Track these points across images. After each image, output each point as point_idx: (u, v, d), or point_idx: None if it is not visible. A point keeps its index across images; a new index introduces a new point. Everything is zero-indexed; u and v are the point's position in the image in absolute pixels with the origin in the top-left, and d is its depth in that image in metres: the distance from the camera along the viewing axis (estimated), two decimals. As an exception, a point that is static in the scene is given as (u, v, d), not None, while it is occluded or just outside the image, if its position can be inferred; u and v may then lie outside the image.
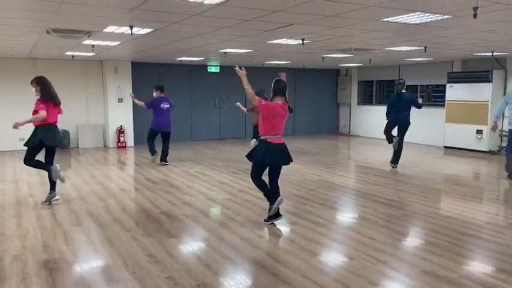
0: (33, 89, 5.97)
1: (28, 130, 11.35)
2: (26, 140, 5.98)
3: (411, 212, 5.72)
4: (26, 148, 6.06)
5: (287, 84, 5.19)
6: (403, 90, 8.75)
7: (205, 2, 4.20)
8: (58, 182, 6.11)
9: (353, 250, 4.34)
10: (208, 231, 4.97)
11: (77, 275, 3.82)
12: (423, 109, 12.89)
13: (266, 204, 6.15)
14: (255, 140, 9.76)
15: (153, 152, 9.02)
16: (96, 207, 5.94)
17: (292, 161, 5.33)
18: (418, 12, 4.75)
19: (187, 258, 4.21)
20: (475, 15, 4.17)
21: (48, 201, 6.02)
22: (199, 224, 5.26)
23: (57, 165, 6.04)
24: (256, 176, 5.19)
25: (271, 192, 5.14)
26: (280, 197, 5.11)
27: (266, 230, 5.08)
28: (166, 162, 9.13)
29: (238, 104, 9.06)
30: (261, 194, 6.61)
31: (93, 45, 7.85)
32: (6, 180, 7.70)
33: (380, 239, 4.66)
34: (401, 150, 8.91)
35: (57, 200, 6.10)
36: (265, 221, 5.20)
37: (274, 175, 5.25)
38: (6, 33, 6.49)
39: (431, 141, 12.42)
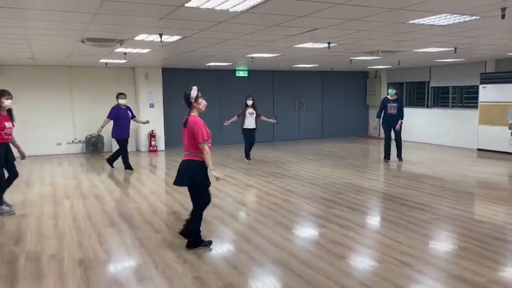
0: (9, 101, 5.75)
1: (67, 135, 11.80)
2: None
3: (441, 216, 5.64)
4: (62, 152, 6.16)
5: (187, 94, 4.39)
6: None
7: (230, 10, 4.32)
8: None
9: (380, 254, 4.33)
10: (236, 233, 5.06)
11: (110, 274, 4.00)
12: (456, 111, 12.66)
13: (293, 207, 6.22)
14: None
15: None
16: (128, 209, 6.16)
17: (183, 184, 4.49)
18: (445, 14, 4.70)
19: (215, 259, 4.31)
20: (503, 16, 4.11)
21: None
22: (227, 226, 5.36)
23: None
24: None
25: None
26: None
27: (293, 233, 5.13)
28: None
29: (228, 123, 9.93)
30: (289, 198, 6.70)
31: (125, 53, 8.14)
32: (44, 183, 8.06)
33: (407, 242, 4.62)
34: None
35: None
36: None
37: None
38: (44, 43, 6.84)
39: (464, 144, 12.11)
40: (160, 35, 5.88)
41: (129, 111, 9.21)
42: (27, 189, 7.42)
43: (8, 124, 5.76)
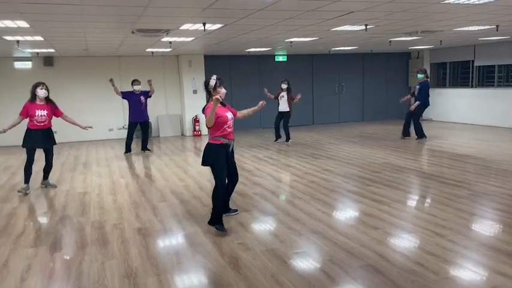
0: (43, 92, 6.34)
1: (117, 121, 12.54)
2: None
3: (478, 192, 5.74)
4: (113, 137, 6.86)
5: (205, 83, 4.63)
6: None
7: (267, -2, 4.63)
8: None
9: (413, 225, 4.57)
10: (276, 207, 5.44)
11: (166, 240, 4.50)
12: (502, 90, 12.35)
13: (330, 184, 6.51)
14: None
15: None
16: (177, 186, 6.68)
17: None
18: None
19: (258, 229, 4.72)
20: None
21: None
22: (268, 201, 5.75)
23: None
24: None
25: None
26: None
27: (330, 207, 5.44)
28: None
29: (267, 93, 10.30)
30: (326, 176, 6.99)
31: (170, 42, 8.62)
32: (100, 164, 8.77)
33: (441, 216, 4.82)
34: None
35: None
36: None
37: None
38: (98, 35, 7.44)
39: (510, 124, 11.81)
40: (204, 24, 6.27)
41: (142, 97, 9.73)
42: (85, 170, 8.15)
43: (39, 112, 6.28)
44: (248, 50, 11.55)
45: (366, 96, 15.51)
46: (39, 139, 6.37)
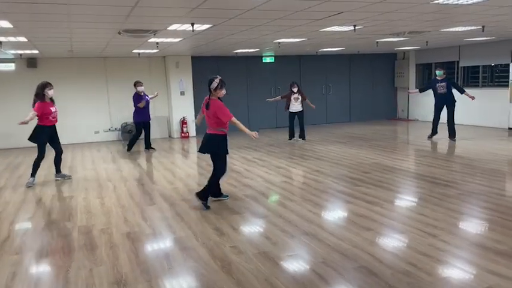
0: (52, 91, 6.97)
1: (104, 123, 12.38)
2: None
3: (467, 192, 5.77)
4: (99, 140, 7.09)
5: (209, 82, 5.23)
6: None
7: (258, -2, 4.58)
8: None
9: (405, 225, 4.56)
10: (267, 209, 5.39)
11: (156, 244, 4.41)
12: (486, 90, 12.53)
13: (321, 185, 6.50)
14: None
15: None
16: (166, 189, 6.59)
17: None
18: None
19: (249, 231, 4.66)
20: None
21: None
22: (259, 203, 5.70)
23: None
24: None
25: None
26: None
27: (321, 208, 5.41)
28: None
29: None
30: (317, 177, 6.98)
31: (157, 43, 8.52)
32: (86, 167, 8.61)
33: (432, 215, 4.83)
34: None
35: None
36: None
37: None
38: (84, 36, 7.30)
39: (495, 123, 11.99)
40: (192, 25, 6.19)
41: (147, 97, 10.09)
42: (71, 173, 7.97)
43: (52, 109, 6.98)
44: (236, 51, 11.49)
45: (352, 97, 15.59)
46: (53, 133, 7.15)
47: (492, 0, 5.30)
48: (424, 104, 14.71)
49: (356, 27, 7.15)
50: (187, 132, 12.90)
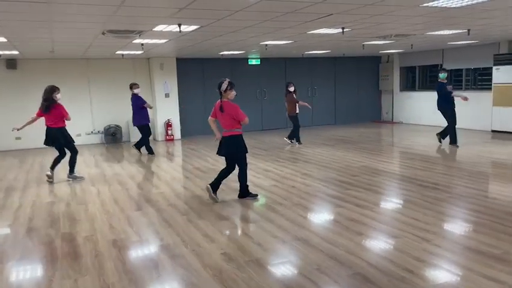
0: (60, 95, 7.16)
1: (86, 126, 12.05)
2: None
3: (456, 195, 5.77)
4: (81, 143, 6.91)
5: (219, 85, 5.57)
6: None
7: (249, -1, 4.48)
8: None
9: (397, 230, 4.51)
10: (257, 213, 5.29)
11: (143, 252, 4.25)
12: (469, 93, 12.66)
13: (310, 189, 6.42)
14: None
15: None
16: (152, 194, 6.42)
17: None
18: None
19: (240, 238, 4.55)
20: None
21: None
22: (248, 207, 5.59)
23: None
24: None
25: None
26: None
27: (312, 212, 5.34)
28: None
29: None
30: (305, 181, 6.90)
31: (142, 44, 8.34)
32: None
33: (424, 219, 4.79)
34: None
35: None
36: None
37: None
38: (67, 35, 7.08)
39: (478, 126, 12.13)
40: (179, 25, 6.05)
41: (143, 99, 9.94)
42: (53, 178, 7.71)
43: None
44: (222, 52, 11.37)
45: (338, 100, 15.62)
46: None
47: (479, 4, 5.32)
48: (408, 107, 14.85)
49: (344, 30, 7.11)
50: (172, 135, 12.71)
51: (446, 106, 9.56)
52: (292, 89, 10.38)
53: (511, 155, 8.65)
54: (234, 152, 5.70)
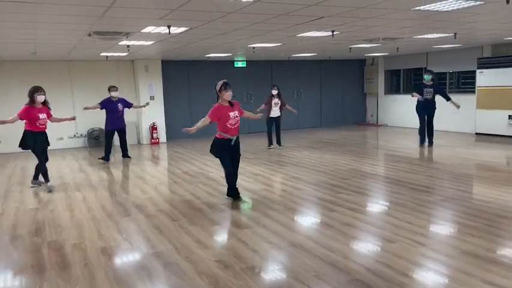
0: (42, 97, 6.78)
1: (68, 129, 11.77)
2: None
3: (447, 198, 5.79)
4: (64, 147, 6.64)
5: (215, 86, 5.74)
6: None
7: (243, 0, 4.40)
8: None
9: (393, 234, 4.48)
10: (250, 218, 5.19)
11: (135, 261, 4.11)
12: (453, 96, 12.83)
13: (302, 193, 6.37)
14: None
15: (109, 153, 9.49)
16: (140, 199, 6.26)
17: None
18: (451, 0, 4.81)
19: (234, 244, 4.44)
20: (508, 1, 4.23)
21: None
22: (240, 212, 5.50)
23: None
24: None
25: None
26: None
27: (306, 217, 5.28)
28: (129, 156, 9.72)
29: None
30: (296, 184, 6.85)
31: (128, 46, 8.17)
32: (52, 176, 8.05)
33: (418, 223, 4.78)
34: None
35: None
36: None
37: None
38: (51, 37, 6.87)
39: (462, 129, 12.31)
40: (169, 27, 5.93)
41: (120, 104, 9.44)
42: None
43: (41, 116, 6.72)
44: (208, 55, 11.26)
45: (323, 102, 15.66)
46: (44, 140, 6.86)
47: (469, 8, 5.36)
48: (392, 109, 14.98)
49: (334, 33, 7.10)
50: (158, 138, 12.51)
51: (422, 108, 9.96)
52: (275, 92, 10.30)
53: (496, 157, 8.79)
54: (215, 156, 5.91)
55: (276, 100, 10.34)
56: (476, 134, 11.77)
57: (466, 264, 3.68)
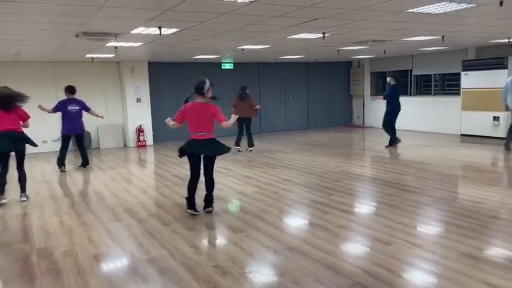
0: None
1: (52, 132, 11.52)
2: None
3: (438, 199, 5.83)
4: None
5: (201, 84, 5.75)
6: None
7: (238, 1, 4.34)
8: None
9: (387, 236, 4.47)
10: (244, 222, 5.13)
11: (129, 267, 4.01)
12: (438, 98, 13.04)
13: (294, 195, 6.34)
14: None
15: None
16: (130, 203, 6.13)
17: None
18: (444, 2, 4.84)
19: (230, 248, 4.37)
20: (501, 3, 4.27)
21: None
22: (233, 216, 5.43)
23: None
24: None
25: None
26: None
27: (300, 220, 5.24)
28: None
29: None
30: (288, 187, 6.81)
31: (116, 47, 8.03)
32: (37, 181, 7.90)
33: (412, 224, 4.80)
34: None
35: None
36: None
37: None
38: (37, 37, 6.69)
39: (448, 130, 12.47)
40: (160, 28, 5.84)
41: (77, 106, 8.76)
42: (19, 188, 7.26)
43: None
44: (196, 57, 11.15)
45: (310, 104, 15.70)
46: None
47: (462, 10, 5.41)
48: (378, 111, 15.07)
49: (325, 35, 7.10)
50: (144, 141, 12.34)
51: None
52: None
53: (482, 158, 8.92)
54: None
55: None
56: (462, 135, 11.94)
57: (464, 265, 3.69)
